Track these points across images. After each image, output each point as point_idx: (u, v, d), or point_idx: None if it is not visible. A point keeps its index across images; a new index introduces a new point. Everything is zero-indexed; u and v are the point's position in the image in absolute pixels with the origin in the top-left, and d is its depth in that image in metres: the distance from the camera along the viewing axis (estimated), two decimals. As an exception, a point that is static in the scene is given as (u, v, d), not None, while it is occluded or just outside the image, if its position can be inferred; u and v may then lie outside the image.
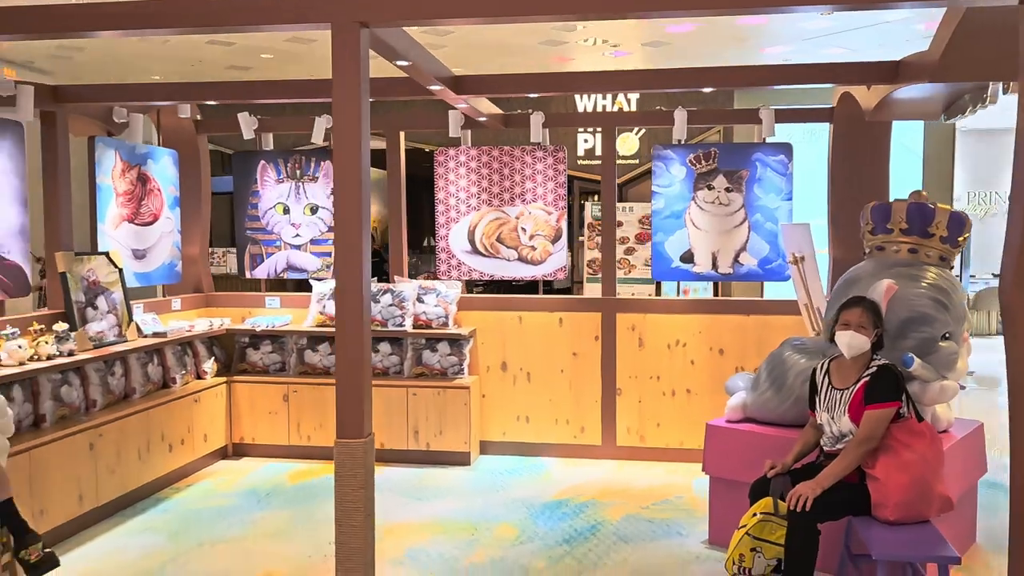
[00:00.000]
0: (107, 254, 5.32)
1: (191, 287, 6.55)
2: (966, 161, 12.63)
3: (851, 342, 3.50)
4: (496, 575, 4.06)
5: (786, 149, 5.84)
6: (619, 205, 8.84)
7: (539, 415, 6.20)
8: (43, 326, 4.60)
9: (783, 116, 5.86)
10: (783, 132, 7.46)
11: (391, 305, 6.03)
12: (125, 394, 5.27)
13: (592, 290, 8.64)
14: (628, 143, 10.37)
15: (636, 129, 10.27)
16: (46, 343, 4.51)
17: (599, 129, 10.01)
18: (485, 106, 5.55)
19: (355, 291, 3.18)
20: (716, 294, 9.49)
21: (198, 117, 6.42)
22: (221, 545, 4.45)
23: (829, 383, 3.67)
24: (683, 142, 5.98)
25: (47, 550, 3.30)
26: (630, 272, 9.46)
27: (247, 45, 8.12)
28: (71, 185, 5.09)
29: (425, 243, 12.59)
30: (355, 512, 3.18)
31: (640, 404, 6.08)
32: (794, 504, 3.41)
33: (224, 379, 6.11)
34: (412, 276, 6.46)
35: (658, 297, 6.11)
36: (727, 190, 5.89)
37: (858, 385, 3.51)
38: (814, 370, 3.81)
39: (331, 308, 6.19)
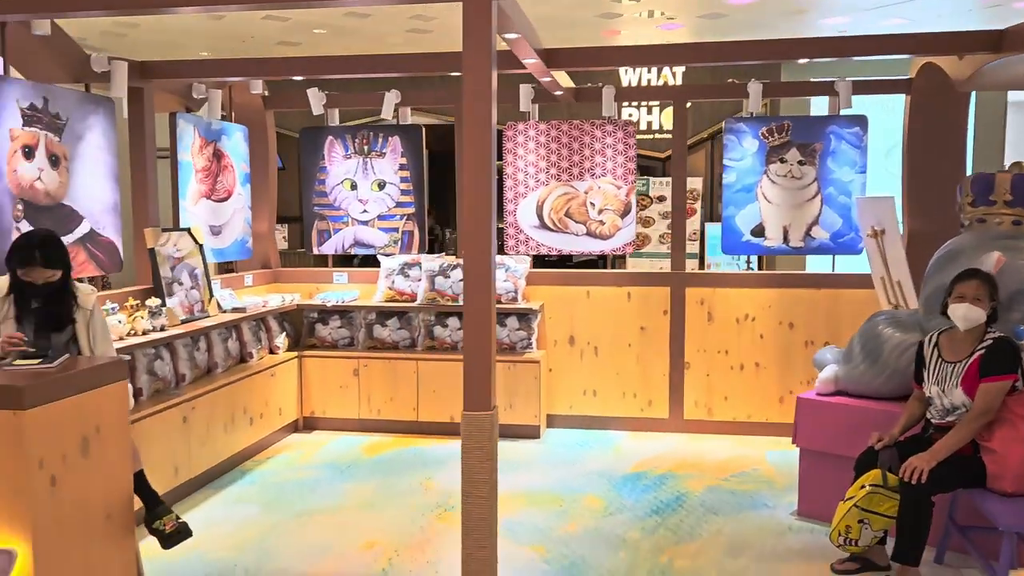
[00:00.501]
0: (189, 230, 5.36)
1: (259, 263, 6.59)
2: (1018, 133, 12.50)
3: (967, 314, 3.51)
4: (594, 544, 4.12)
5: (861, 122, 5.80)
6: (660, 180, 8.85)
7: (606, 389, 6.24)
8: (139, 301, 4.65)
9: (858, 89, 5.81)
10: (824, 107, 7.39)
11: (461, 280, 6.05)
12: (208, 368, 5.33)
13: (634, 265, 8.64)
14: (670, 117, 10.29)
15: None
16: (142, 318, 4.57)
17: (647, 103, 9.97)
18: (564, 80, 5.54)
19: (483, 269, 3.20)
20: (760, 268, 9.50)
21: (266, 93, 6.43)
22: (317, 516, 4.52)
23: (939, 356, 3.68)
24: (754, 115, 5.96)
25: (180, 520, 3.36)
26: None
27: (301, 20, 8.09)
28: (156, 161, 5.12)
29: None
30: (482, 483, 3.23)
31: (708, 378, 6.11)
32: (908, 476, 3.43)
33: (295, 354, 6.17)
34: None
35: (728, 271, 6.11)
36: (800, 163, 5.87)
37: (972, 358, 3.52)
38: (921, 343, 3.82)
39: (400, 283, 6.24)
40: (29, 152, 4.10)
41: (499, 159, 6.40)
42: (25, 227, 4.02)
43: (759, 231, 5.99)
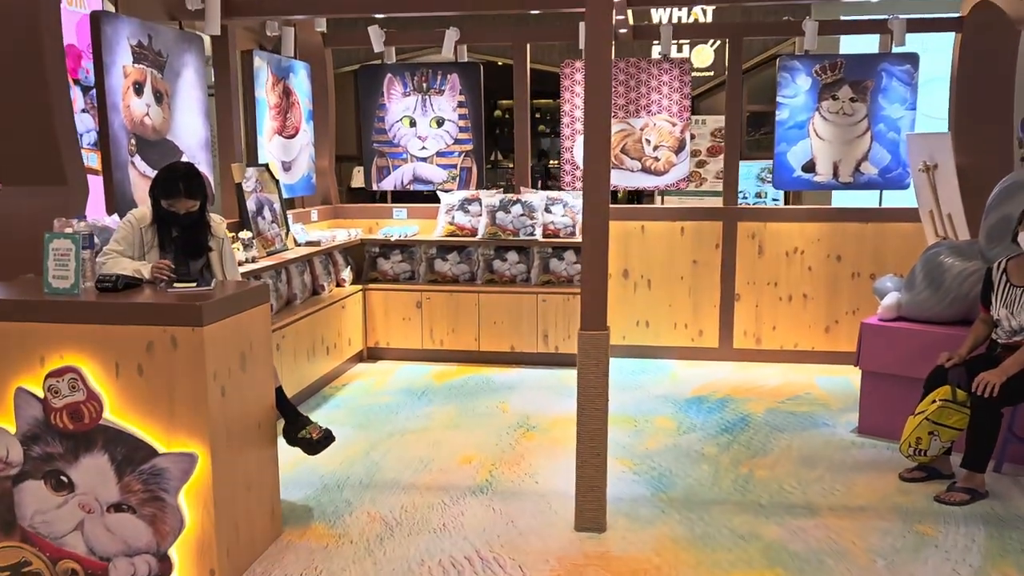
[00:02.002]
0: (267, 166, 5.54)
1: (320, 199, 6.78)
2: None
3: (1041, 241, 3.77)
4: (676, 458, 4.43)
5: (912, 59, 5.98)
6: (695, 118, 9.00)
7: (658, 320, 6.51)
8: (234, 234, 4.86)
9: (908, 27, 5.96)
10: (855, 44, 7.52)
11: (521, 215, 6.27)
12: (288, 300, 5.56)
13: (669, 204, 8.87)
14: (702, 55, 10.40)
15: (711, 41, 10.30)
16: (237, 250, 4.78)
17: (677, 41, 10.05)
18: (629, 17, 5.68)
19: (600, 201, 3.42)
20: (787, 202, 9.73)
21: (325, 31, 6.54)
22: (408, 435, 4.81)
23: (1007, 281, 3.95)
24: (809, 52, 6.12)
25: (324, 428, 3.63)
26: (701, 185, 9.68)
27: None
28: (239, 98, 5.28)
29: (493, 157, 12.73)
30: (597, 396, 3.50)
31: (757, 309, 6.39)
32: (981, 390, 3.73)
33: (359, 287, 6.40)
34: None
35: (781, 206, 6.34)
36: (852, 100, 6.06)
37: (1043, 281, 3.79)
38: (989, 269, 4.09)
39: (460, 218, 6.44)
40: (139, 88, 4.27)
41: (556, 97, 6.59)
42: (139, 162, 4.21)
43: (810, 167, 6.21)
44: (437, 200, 6.63)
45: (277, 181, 5.61)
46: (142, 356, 2.91)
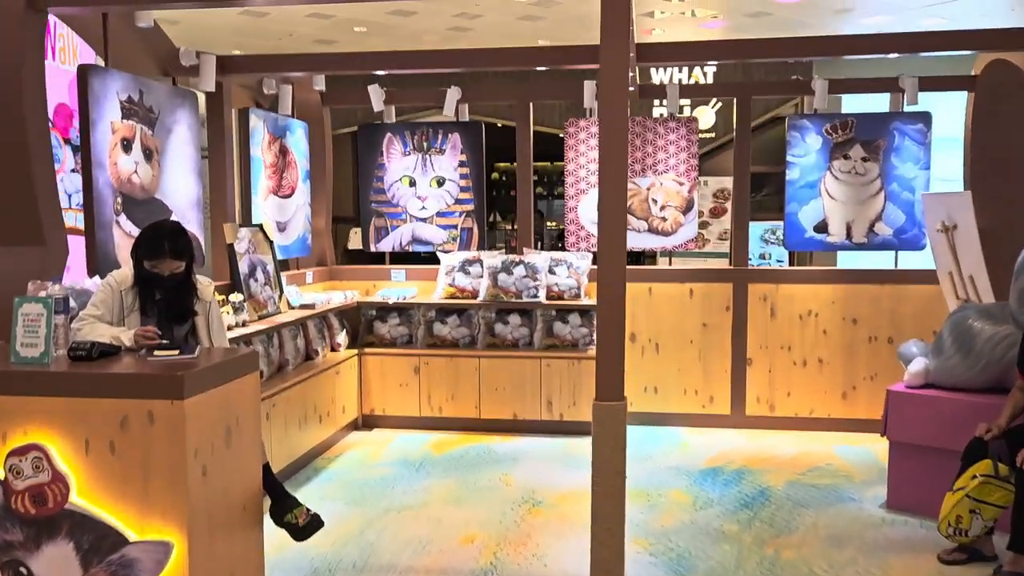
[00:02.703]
0: (261, 226, 5.33)
1: (316, 260, 6.56)
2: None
3: (1085, 305, 3.54)
4: (695, 537, 4.12)
5: (925, 118, 5.84)
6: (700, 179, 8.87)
7: (667, 385, 6.24)
8: (224, 297, 4.61)
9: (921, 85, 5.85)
10: (858, 103, 7.43)
11: (524, 277, 6.05)
12: (280, 365, 5.29)
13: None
14: (704, 116, 10.34)
15: (713, 102, 10.25)
16: (227, 314, 4.53)
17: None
18: (636, 75, 5.55)
19: (616, 263, 3.19)
20: (792, 263, 9.55)
21: (323, 90, 6.41)
22: (406, 512, 4.49)
23: (1048, 346, 3.71)
24: (818, 111, 5.99)
25: (312, 512, 3.33)
26: (704, 246, 9.52)
27: (343, 18, 8.07)
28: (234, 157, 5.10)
29: (491, 219, 12.59)
30: (613, 475, 3.22)
31: (770, 374, 6.13)
32: (1026, 464, 3.45)
33: (355, 351, 6.14)
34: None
35: (792, 267, 6.14)
36: (864, 160, 5.91)
37: (1088, 347, 3.55)
38: (1026, 334, 3.85)
39: (461, 280, 6.22)
40: (127, 145, 4.07)
41: (554, 159, 6.44)
42: (124, 221, 3.99)
43: (822, 227, 6.02)
44: (437, 261, 6.42)
45: (271, 242, 5.39)
46: (115, 432, 2.63)
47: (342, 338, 6.08)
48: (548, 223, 13.04)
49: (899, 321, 5.95)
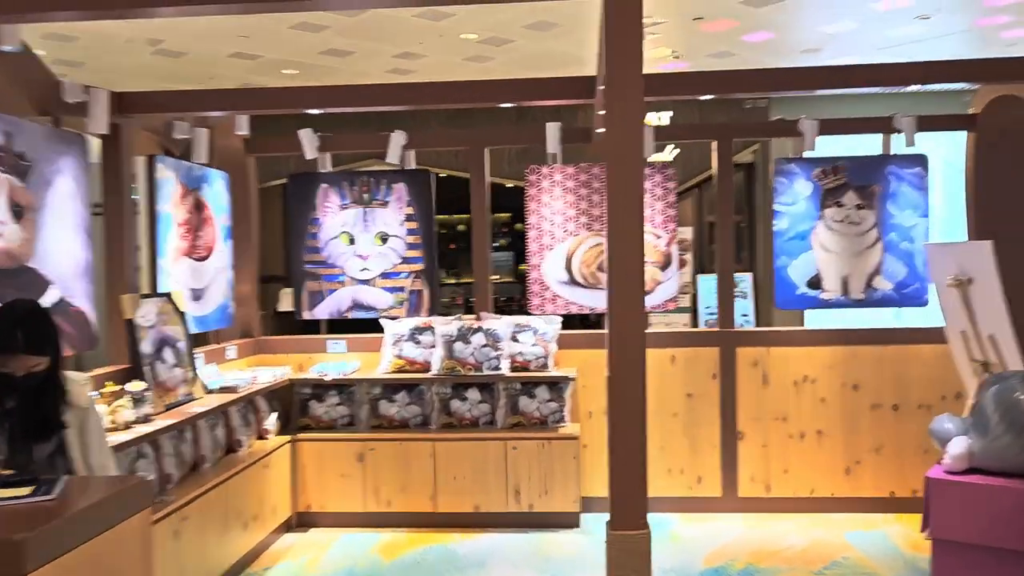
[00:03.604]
0: (170, 295, 4.43)
1: (240, 331, 5.65)
2: None
3: None
4: (717, 676, 3.31)
5: (922, 161, 5.31)
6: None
7: (650, 465, 5.42)
8: (121, 387, 3.69)
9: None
10: (830, 147, 6.95)
11: (484, 346, 5.25)
12: (194, 464, 4.36)
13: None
14: (660, 160, 9.79)
15: (670, 147, 9.73)
16: (124, 408, 3.61)
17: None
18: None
19: (634, 343, 2.44)
20: (758, 324, 8.97)
21: (248, 135, 5.58)
22: (354, 652, 3.59)
23: None
24: (802, 155, 5.40)
25: None
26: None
27: (271, 59, 7.29)
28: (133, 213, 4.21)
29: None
30: (639, 627, 2.41)
31: (765, 449, 5.42)
32: None
33: (287, 438, 5.23)
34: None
35: (784, 328, 5.50)
36: (858, 207, 5.33)
37: None
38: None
39: (409, 351, 5.38)
40: (-14, 200, 3.17)
41: (504, 211, 5.72)
42: (-20, 297, 3.06)
43: (815, 282, 5.40)
44: (381, 329, 5.57)
45: (182, 313, 4.49)
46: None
47: (271, 423, 5.17)
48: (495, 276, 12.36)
49: (905, 386, 5.33)
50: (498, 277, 11.95)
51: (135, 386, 3.75)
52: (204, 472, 4.35)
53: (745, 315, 8.98)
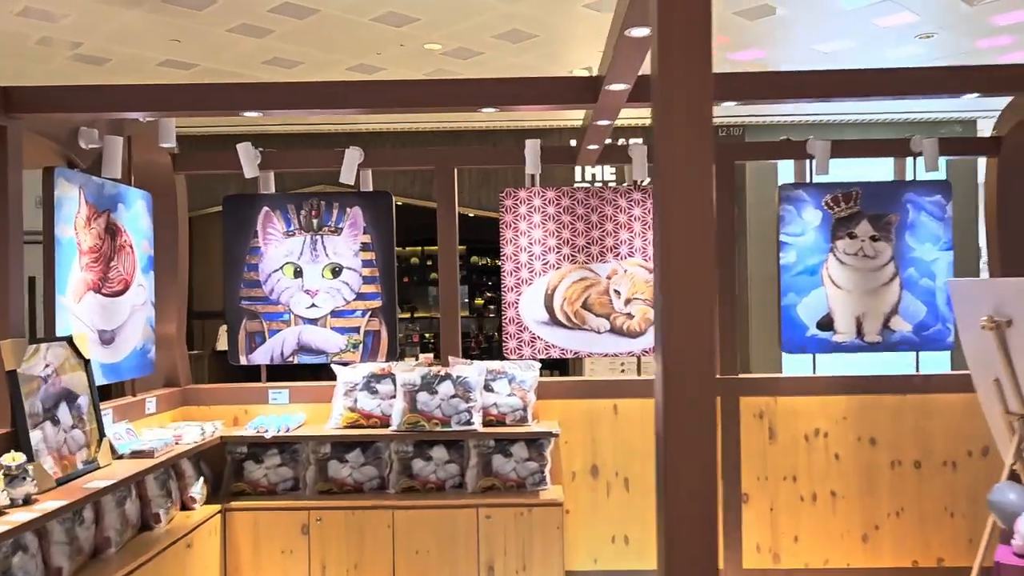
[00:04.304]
0: (70, 339, 3.59)
1: (163, 380, 4.80)
2: None
3: None
4: None
5: (943, 188, 4.78)
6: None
7: (641, 533, 4.77)
8: (-11, 463, 2.84)
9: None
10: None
11: (453, 396, 4.50)
12: (95, 550, 3.50)
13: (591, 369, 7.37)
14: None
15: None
16: (-7, 491, 2.76)
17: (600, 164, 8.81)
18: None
19: (700, 386, 1.72)
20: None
21: (176, 150, 4.79)
22: None
23: None
24: (811, 181, 4.83)
25: None
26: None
27: (207, 68, 6.52)
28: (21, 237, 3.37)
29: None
30: None
31: (772, 513, 4.76)
32: None
33: (217, 507, 4.39)
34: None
35: (793, 375, 4.89)
36: (873, 239, 4.76)
37: None
38: None
39: (364, 402, 4.60)
40: None
41: (471, 242, 5.03)
42: None
43: (827, 323, 4.79)
44: (332, 377, 4.79)
45: (87, 361, 3.65)
46: None
47: (198, 491, 4.33)
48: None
49: (927, 440, 4.73)
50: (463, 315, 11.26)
51: (11, 459, 2.91)
52: (108, 559, 3.50)
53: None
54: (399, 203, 7.74)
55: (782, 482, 4.76)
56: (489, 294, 13.40)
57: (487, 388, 4.63)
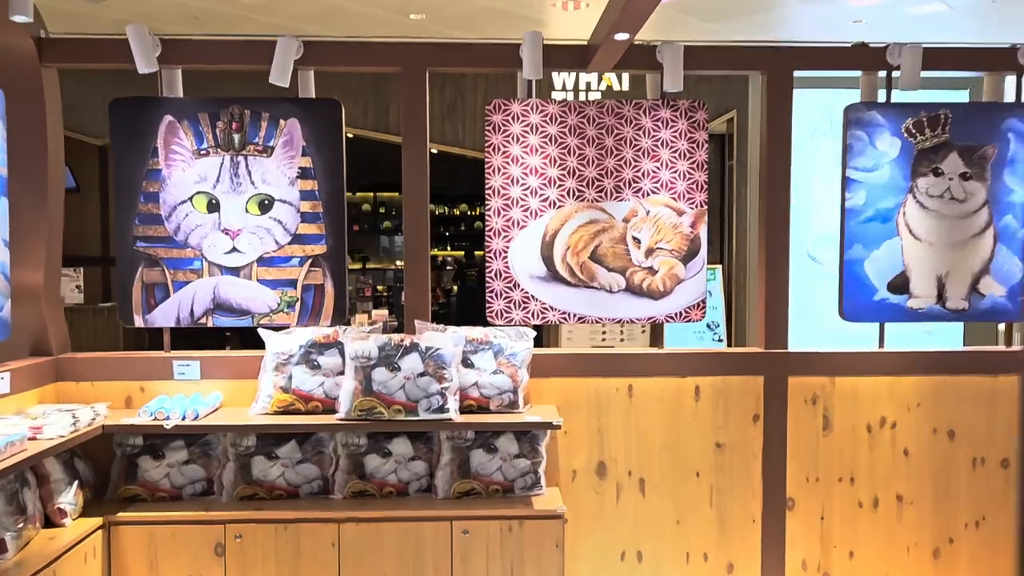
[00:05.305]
0: None
1: (28, 347, 3.57)
2: None
3: None
4: None
5: (1055, 114, 3.74)
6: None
7: (659, 547, 3.75)
8: None
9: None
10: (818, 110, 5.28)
11: (422, 375, 3.37)
12: None
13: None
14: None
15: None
16: None
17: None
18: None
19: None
20: (731, 343, 7.40)
21: (43, 34, 3.50)
22: None
23: None
24: (889, 99, 3.75)
25: None
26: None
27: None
28: None
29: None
30: None
31: (823, 523, 3.78)
32: None
33: (99, 521, 3.23)
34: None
35: (855, 350, 3.84)
36: (964, 176, 3.72)
37: None
38: None
39: (302, 380, 3.45)
40: None
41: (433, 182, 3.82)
42: None
43: (901, 284, 3.76)
44: (260, 345, 3.62)
45: None
46: None
47: (70, 500, 3.17)
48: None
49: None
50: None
51: None
52: (-92, 622, 2.34)
53: (713, 324, 7.39)
54: (349, 135, 6.50)
55: (836, 484, 3.77)
56: (450, 247, 12.23)
57: (465, 363, 3.51)
